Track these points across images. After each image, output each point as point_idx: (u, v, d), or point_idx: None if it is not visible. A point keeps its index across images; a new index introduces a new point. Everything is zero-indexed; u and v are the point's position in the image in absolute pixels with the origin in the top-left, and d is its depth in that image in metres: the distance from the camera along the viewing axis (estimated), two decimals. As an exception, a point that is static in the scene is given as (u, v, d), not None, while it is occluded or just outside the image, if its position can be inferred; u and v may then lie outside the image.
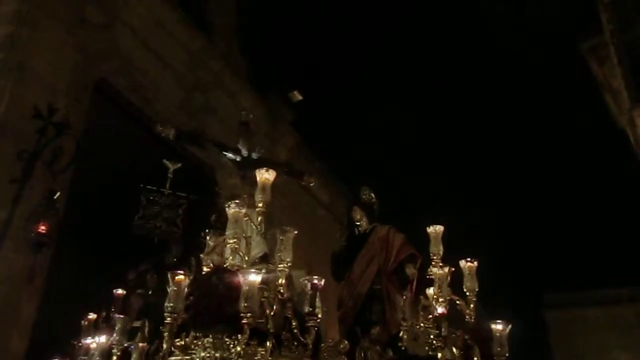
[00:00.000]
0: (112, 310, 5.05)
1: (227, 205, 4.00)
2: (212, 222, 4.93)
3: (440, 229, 4.50)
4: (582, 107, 12.99)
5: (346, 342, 4.15)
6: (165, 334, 3.60)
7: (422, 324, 4.41)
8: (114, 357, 4.32)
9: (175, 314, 3.52)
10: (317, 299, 3.53)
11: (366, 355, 4.35)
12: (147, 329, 4.58)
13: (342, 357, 4.06)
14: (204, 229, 5.01)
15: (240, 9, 11.57)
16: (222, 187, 5.76)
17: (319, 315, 3.55)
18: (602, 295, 17.73)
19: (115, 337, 4.36)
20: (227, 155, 5.40)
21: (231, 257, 3.78)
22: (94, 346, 4.45)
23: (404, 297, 4.84)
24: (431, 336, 4.13)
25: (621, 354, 16.94)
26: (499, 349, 3.94)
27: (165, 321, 3.55)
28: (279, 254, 3.85)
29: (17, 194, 6.16)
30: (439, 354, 4.06)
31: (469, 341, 4.20)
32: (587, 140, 14.51)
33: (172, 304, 3.52)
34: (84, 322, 5.01)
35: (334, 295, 5.56)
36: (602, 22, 10.37)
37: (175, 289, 3.53)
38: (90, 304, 5.38)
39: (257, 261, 4.35)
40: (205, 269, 4.18)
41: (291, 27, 12.79)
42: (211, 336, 3.44)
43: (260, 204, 4.14)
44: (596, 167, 14.87)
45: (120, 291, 5.07)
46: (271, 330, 3.61)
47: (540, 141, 16.08)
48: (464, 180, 15.51)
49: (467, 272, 4.35)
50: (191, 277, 3.70)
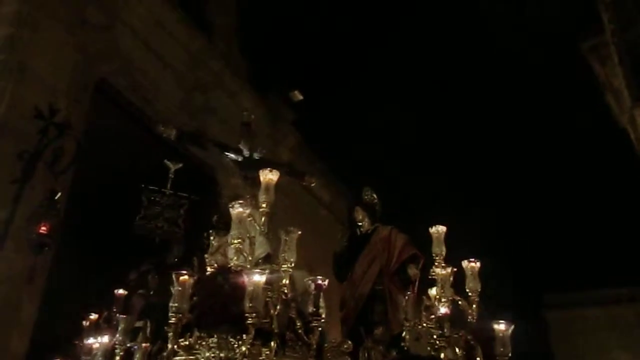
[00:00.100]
0: (114, 310, 5.04)
1: (231, 205, 4.00)
2: (214, 223, 4.92)
3: (442, 229, 4.50)
4: (583, 106, 12.99)
5: (350, 342, 4.14)
6: (169, 334, 3.60)
7: (424, 324, 4.41)
8: (117, 357, 4.32)
9: (180, 314, 3.53)
10: (321, 299, 3.53)
11: (370, 355, 4.35)
12: (148, 329, 4.57)
13: (345, 357, 4.05)
14: (206, 229, 5.00)
15: (240, 9, 11.56)
16: (224, 187, 5.75)
17: (323, 315, 3.55)
18: (602, 295, 17.72)
19: (118, 337, 4.36)
20: (229, 155, 5.39)
21: (235, 258, 3.78)
22: (96, 346, 4.45)
23: (406, 297, 4.83)
24: (434, 336, 4.12)
25: (621, 354, 16.92)
26: (501, 349, 3.93)
27: (169, 321, 3.55)
28: (283, 254, 3.85)
29: (17, 194, 6.15)
30: (442, 354, 4.06)
31: (471, 341, 4.20)
32: (588, 140, 14.50)
33: (176, 304, 3.52)
34: (85, 323, 5.01)
35: (335, 295, 5.55)
36: (603, 21, 10.37)
37: (179, 289, 3.54)
38: (90, 304, 5.37)
39: (260, 261, 4.35)
40: (209, 269, 4.17)
41: (291, 27, 12.79)
42: (216, 336, 3.44)
43: (264, 205, 4.14)
44: (597, 167, 14.87)
45: (121, 291, 5.06)
46: (275, 330, 3.61)
47: (541, 141, 16.08)
48: (464, 180, 15.51)
49: (470, 272, 4.35)
50: (195, 278, 3.69)
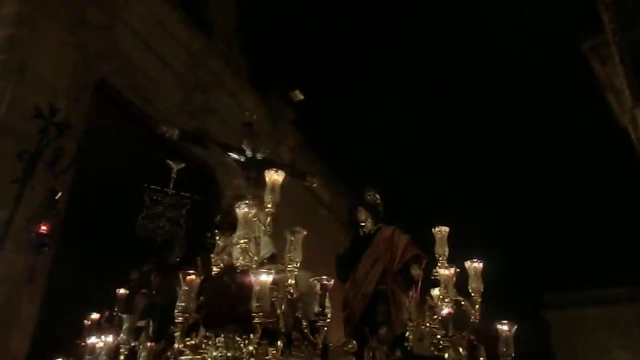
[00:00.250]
0: (115, 310, 5.03)
1: (237, 205, 4.00)
2: (218, 223, 4.91)
3: (445, 230, 4.49)
4: (584, 106, 12.99)
5: (354, 342, 4.14)
6: (175, 333, 3.60)
7: (427, 324, 4.40)
8: (121, 357, 4.32)
9: (187, 314, 3.53)
10: (327, 299, 3.53)
11: (374, 355, 4.34)
12: (151, 329, 4.56)
13: (350, 357, 4.04)
14: (208, 229, 4.99)
15: (240, 8, 11.55)
16: (227, 187, 5.74)
17: (329, 315, 3.54)
18: (602, 295, 17.72)
19: (122, 336, 4.36)
20: (231, 155, 5.38)
21: (241, 258, 3.78)
22: (100, 345, 4.44)
23: (410, 297, 4.82)
24: (438, 336, 4.11)
25: (621, 353, 16.91)
26: (504, 349, 3.93)
27: (176, 320, 3.55)
28: (289, 255, 3.85)
29: (18, 194, 6.14)
30: (446, 354, 4.05)
31: (475, 342, 4.19)
32: (588, 139, 14.50)
33: (183, 304, 3.52)
34: (87, 322, 4.99)
35: (336, 295, 5.54)
36: (604, 21, 10.36)
37: (186, 288, 3.53)
38: (91, 304, 5.35)
39: (265, 261, 4.34)
40: (215, 269, 4.17)
41: (291, 27, 12.78)
42: (223, 336, 3.44)
43: (269, 205, 4.14)
44: (597, 167, 14.87)
45: (123, 291, 5.05)
46: (282, 330, 3.60)
47: (541, 141, 16.08)
48: (464, 180, 15.51)
49: (473, 273, 4.34)
50: (202, 277, 3.69)
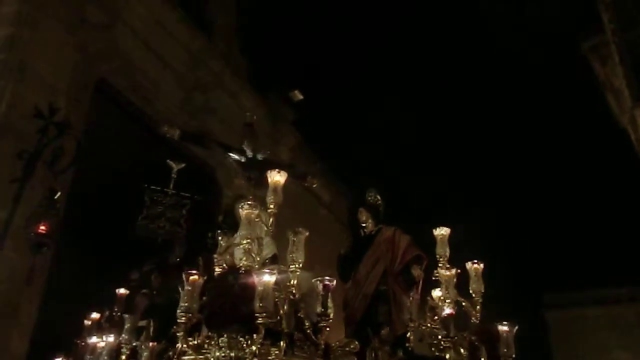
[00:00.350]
0: (115, 309, 5.02)
1: (239, 206, 3.99)
2: (220, 223, 4.90)
3: (446, 231, 4.49)
4: (584, 106, 12.99)
5: (356, 342, 4.13)
6: (178, 333, 3.60)
7: (428, 324, 4.40)
8: (123, 357, 4.31)
9: (189, 314, 3.52)
10: (329, 300, 3.53)
11: (377, 355, 4.34)
12: (152, 329, 4.55)
13: (352, 357, 4.04)
14: (208, 229, 4.99)
15: (240, 8, 11.54)
16: (227, 187, 5.74)
17: (331, 315, 3.54)
18: (602, 295, 17.72)
19: (124, 336, 4.35)
20: (232, 156, 5.37)
21: (244, 258, 3.77)
22: (101, 345, 4.43)
23: (411, 298, 4.83)
24: (439, 337, 4.11)
25: (621, 353, 16.91)
26: (505, 350, 3.92)
27: (179, 321, 3.54)
28: (291, 255, 3.84)
29: (17, 194, 6.13)
30: (447, 355, 4.05)
31: (476, 342, 4.18)
32: (588, 139, 14.50)
33: (186, 304, 3.52)
34: (88, 322, 4.99)
35: (337, 295, 5.54)
36: (603, 21, 10.37)
37: (189, 288, 3.53)
38: (91, 303, 5.34)
39: (267, 262, 4.34)
40: (217, 269, 4.17)
41: (291, 27, 12.77)
42: (226, 336, 3.43)
43: (271, 206, 4.13)
44: (597, 167, 14.87)
45: (123, 291, 5.04)
46: (285, 330, 3.60)
47: (541, 141, 16.07)
48: (464, 180, 15.50)
49: (473, 274, 4.34)
50: (205, 277, 3.69)
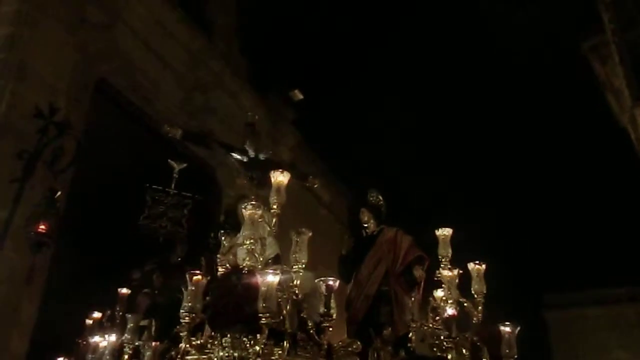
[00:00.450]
0: (117, 309, 5.01)
1: (243, 206, 3.99)
2: (222, 223, 4.90)
3: (448, 231, 4.47)
4: (584, 106, 12.99)
5: (359, 342, 4.13)
6: (181, 333, 3.60)
7: (430, 324, 4.39)
8: (125, 356, 4.30)
9: (193, 314, 3.51)
10: (332, 300, 3.52)
11: (379, 355, 4.33)
12: (154, 328, 4.55)
13: (354, 358, 4.04)
14: (209, 229, 4.98)
15: (240, 8, 11.54)
16: (230, 187, 5.74)
17: (334, 315, 3.54)
18: (602, 295, 17.70)
19: (126, 336, 4.34)
20: (234, 156, 5.36)
21: (247, 258, 3.77)
22: (104, 345, 4.42)
23: (412, 298, 4.82)
24: (441, 337, 4.10)
25: (621, 353, 16.91)
26: (507, 350, 3.91)
27: (182, 321, 3.54)
28: (294, 255, 3.84)
29: (17, 194, 6.12)
30: (449, 355, 4.04)
31: (478, 343, 4.18)
32: (588, 139, 14.50)
33: (189, 304, 3.51)
34: (89, 322, 4.97)
35: (337, 295, 5.54)
36: (604, 21, 10.36)
37: (192, 288, 3.52)
38: (92, 303, 5.33)
39: (270, 262, 4.34)
40: (221, 270, 4.16)
41: (291, 26, 12.76)
42: (229, 336, 3.43)
43: (274, 206, 4.14)
44: (597, 167, 14.87)
45: (124, 290, 5.03)
46: (288, 330, 3.60)
47: (540, 140, 16.07)
48: (464, 180, 15.49)
49: (475, 274, 4.33)
50: (208, 277, 3.68)
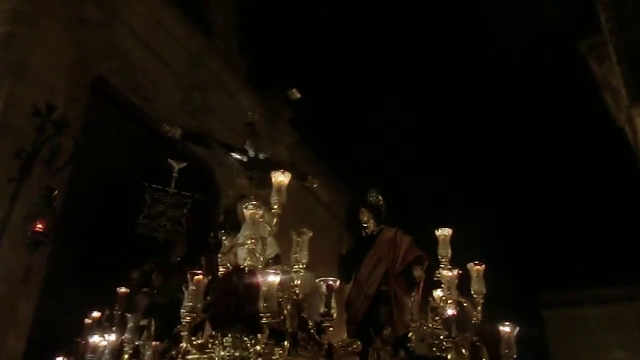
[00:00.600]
0: (116, 308, 5.01)
1: (244, 206, 4.00)
2: (222, 223, 4.90)
3: (448, 232, 4.46)
4: (581, 105, 13.00)
5: (359, 342, 4.13)
6: (182, 333, 3.60)
7: (430, 324, 4.39)
8: (125, 356, 4.29)
9: (194, 313, 3.52)
10: (332, 300, 3.52)
11: (379, 355, 4.33)
12: (153, 328, 4.54)
13: (354, 357, 4.04)
14: (209, 229, 4.97)
15: (239, 8, 11.53)
16: (229, 187, 5.73)
17: (335, 315, 3.53)
18: (600, 294, 17.67)
19: (126, 335, 4.33)
20: (234, 155, 5.35)
21: (248, 258, 3.78)
22: (103, 344, 4.41)
23: (412, 298, 4.82)
24: (441, 337, 4.10)
25: (620, 353, 16.90)
26: (506, 350, 3.91)
27: (183, 320, 3.54)
28: (295, 255, 3.84)
29: (15, 193, 6.11)
30: (449, 355, 4.03)
31: (477, 343, 4.18)
32: (585, 138, 14.50)
33: (190, 303, 3.51)
34: (88, 321, 4.97)
35: (338, 295, 5.54)
36: (601, 21, 10.37)
37: (193, 288, 3.53)
38: (92, 303, 5.33)
39: (270, 262, 4.34)
40: (221, 269, 4.16)
41: (290, 26, 12.75)
42: (230, 335, 3.43)
43: (275, 206, 4.14)
44: (594, 166, 14.86)
45: (123, 290, 5.03)
46: (289, 330, 3.60)
47: (538, 140, 16.07)
48: (463, 180, 15.49)
49: (475, 274, 4.32)
50: (209, 277, 3.68)
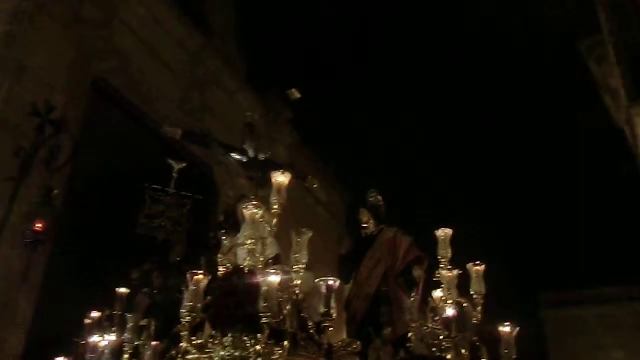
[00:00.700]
0: (116, 309, 4.99)
1: (244, 206, 3.99)
2: (222, 223, 4.90)
3: (448, 232, 4.44)
4: (581, 106, 13.00)
5: (359, 342, 4.12)
6: (181, 333, 3.59)
7: (429, 325, 4.39)
8: (126, 356, 4.28)
9: (194, 314, 3.52)
10: (332, 300, 3.52)
11: (379, 355, 4.33)
12: (153, 328, 4.54)
13: (355, 357, 4.03)
14: (208, 229, 4.97)
15: (238, 7, 11.52)
16: (229, 187, 5.72)
17: (334, 315, 3.53)
18: (600, 294, 17.68)
19: (126, 335, 4.32)
20: (234, 156, 5.34)
21: (248, 258, 3.77)
22: (103, 344, 4.40)
23: (412, 298, 4.82)
24: (440, 337, 4.09)
25: (619, 353, 16.91)
26: (506, 350, 3.91)
27: (183, 320, 3.53)
28: (295, 255, 3.82)
29: (14, 192, 6.11)
30: (448, 355, 4.03)
31: (477, 343, 4.17)
32: (585, 139, 14.51)
33: (190, 303, 3.51)
34: (88, 321, 4.95)
35: (338, 295, 5.54)
36: (601, 21, 10.36)
37: (194, 288, 3.52)
38: (91, 303, 5.31)
39: (270, 262, 4.33)
40: (221, 269, 4.15)
41: (289, 25, 12.74)
42: (230, 335, 3.42)
43: (275, 206, 4.13)
44: (594, 166, 14.87)
45: (123, 290, 5.02)
46: (289, 330, 3.59)
47: (538, 140, 16.07)
48: (463, 180, 15.49)
49: (475, 275, 4.31)
50: (209, 277, 3.67)
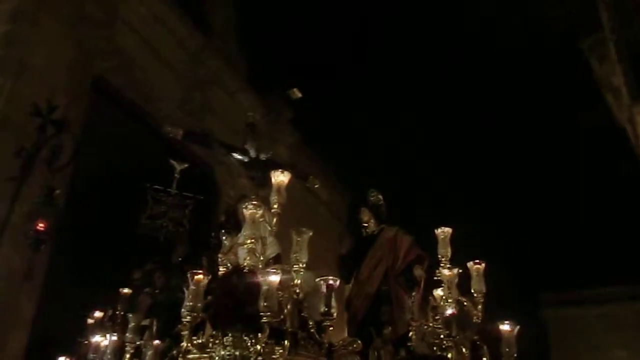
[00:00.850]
0: (118, 309, 5.00)
1: (244, 206, 3.99)
2: (223, 223, 4.90)
3: (448, 231, 4.44)
4: (582, 105, 12.98)
5: (359, 341, 4.13)
6: (182, 332, 3.59)
7: (430, 323, 4.39)
8: (127, 355, 4.29)
9: (194, 313, 3.51)
10: (333, 299, 3.52)
11: (379, 354, 4.33)
12: (155, 328, 4.54)
13: (355, 357, 4.04)
14: (210, 229, 4.97)
15: (239, 7, 11.53)
16: (230, 187, 5.73)
17: (335, 315, 3.53)
18: (601, 294, 17.65)
19: (128, 335, 4.32)
20: (235, 156, 5.35)
21: (248, 258, 3.78)
22: (105, 344, 4.41)
23: (412, 298, 4.82)
24: (441, 336, 4.10)
25: (619, 352, 16.90)
26: (507, 349, 3.91)
27: (184, 320, 3.53)
28: (295, 255, 3.83)
29: (15, 192, 6.11)
30: (449, 354, 4.03)
31: (478, 342, 4.17)
32: (586, 138, 14.50)
33: (191, 303, 3.50)
34: (91, 321, 4.96)
35: (338, 294, 5.54)
36: (602, 19, 10.35)
37: (194, 288, 3.52)
38: (93, 302, 5.32)
39: (270, 261, 4.34)
40: (222, 269, 4.16)
41: (290, 25, 12.74)
42: (231, 335, 3.42)
43: (275, 206, 4.14)
44: (595, 165, 14.86)
45: (126, 290, 5.03)
46: (290, 329, 3.60)
47: (538, 139, 16.06)
48: (463, 180, 15.49)
49: (475, 273, 4.32)
50: (210, 277, 3.67)
